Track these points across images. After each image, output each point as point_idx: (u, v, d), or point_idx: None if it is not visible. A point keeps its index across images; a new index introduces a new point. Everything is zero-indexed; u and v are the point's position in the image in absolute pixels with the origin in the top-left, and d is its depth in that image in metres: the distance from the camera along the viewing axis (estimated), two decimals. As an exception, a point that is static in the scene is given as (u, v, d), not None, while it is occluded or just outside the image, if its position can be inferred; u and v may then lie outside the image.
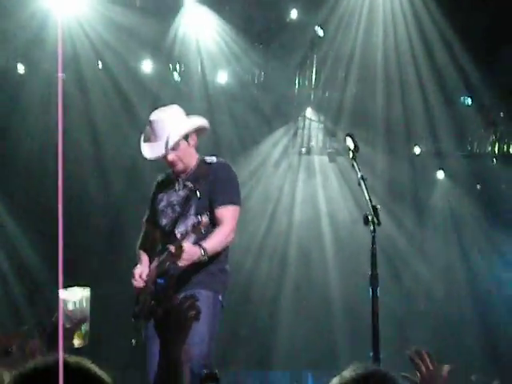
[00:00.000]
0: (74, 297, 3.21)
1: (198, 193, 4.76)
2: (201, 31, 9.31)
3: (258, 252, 9.92)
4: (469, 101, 9.92)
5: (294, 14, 9.15)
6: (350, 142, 4.47)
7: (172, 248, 4.56)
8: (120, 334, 6.21)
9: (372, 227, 4.05)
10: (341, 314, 10.12)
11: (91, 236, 9.96)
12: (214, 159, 4.98)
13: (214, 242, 4.63)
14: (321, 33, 9.31)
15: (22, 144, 9.81)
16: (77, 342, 3.18)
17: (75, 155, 9.44)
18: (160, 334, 2.62)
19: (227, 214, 4.77)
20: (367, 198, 4.17)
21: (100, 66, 9.59)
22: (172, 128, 4.82)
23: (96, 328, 3.36)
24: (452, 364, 3.03)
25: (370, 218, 4.06)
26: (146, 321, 4.73)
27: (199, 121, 5.04)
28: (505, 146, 10.39)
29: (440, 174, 10.49)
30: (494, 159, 10.41)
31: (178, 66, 9.78)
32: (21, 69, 9.47)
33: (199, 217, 4.50)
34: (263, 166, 10.45)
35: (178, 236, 4.67)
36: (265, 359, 10.18)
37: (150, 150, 4.91)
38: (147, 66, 9.73)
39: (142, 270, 4.89)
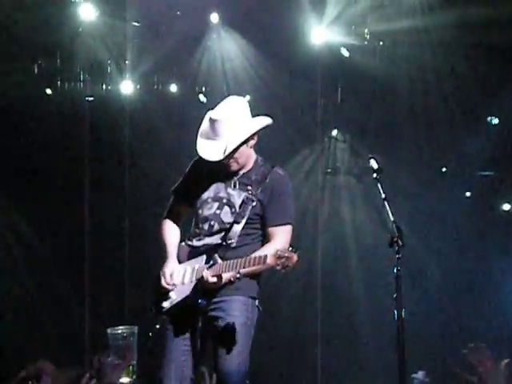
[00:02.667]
0: (121, 334, 3.24)
1: (254, 202, 4.57)
2: (226, 53, 9.42)
3: (282, 274, 9.88)
4: (496, 120, 9.86)
5: (318, 36, 9.19)
6: (373, 164, 4.49)
7: (211, 278, 4.45)
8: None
9: (396, 249, 4.05)
10: (368, 336, 10.04)
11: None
12: (276, 168, 4.71)
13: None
14: (346, 53, 9.34)
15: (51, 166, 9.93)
16: (125, 380, 3.20)
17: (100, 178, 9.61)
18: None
19: (280, 232, 4.60)
20: (391, 219, 4.17)
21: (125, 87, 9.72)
22: (232, 132, 4.56)
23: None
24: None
25: (394, 239, 4.05)
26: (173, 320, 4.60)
27: (263, 122, 4.70)
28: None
29: (467, 194, 10.40)
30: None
31: (204, 88, 9.86)
32: (48, 92, 9.63)
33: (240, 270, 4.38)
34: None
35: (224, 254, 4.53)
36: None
37: (206, 150, 4.62)
38: (173, 88, 9.88)
39: (172, 269, 4.64)
